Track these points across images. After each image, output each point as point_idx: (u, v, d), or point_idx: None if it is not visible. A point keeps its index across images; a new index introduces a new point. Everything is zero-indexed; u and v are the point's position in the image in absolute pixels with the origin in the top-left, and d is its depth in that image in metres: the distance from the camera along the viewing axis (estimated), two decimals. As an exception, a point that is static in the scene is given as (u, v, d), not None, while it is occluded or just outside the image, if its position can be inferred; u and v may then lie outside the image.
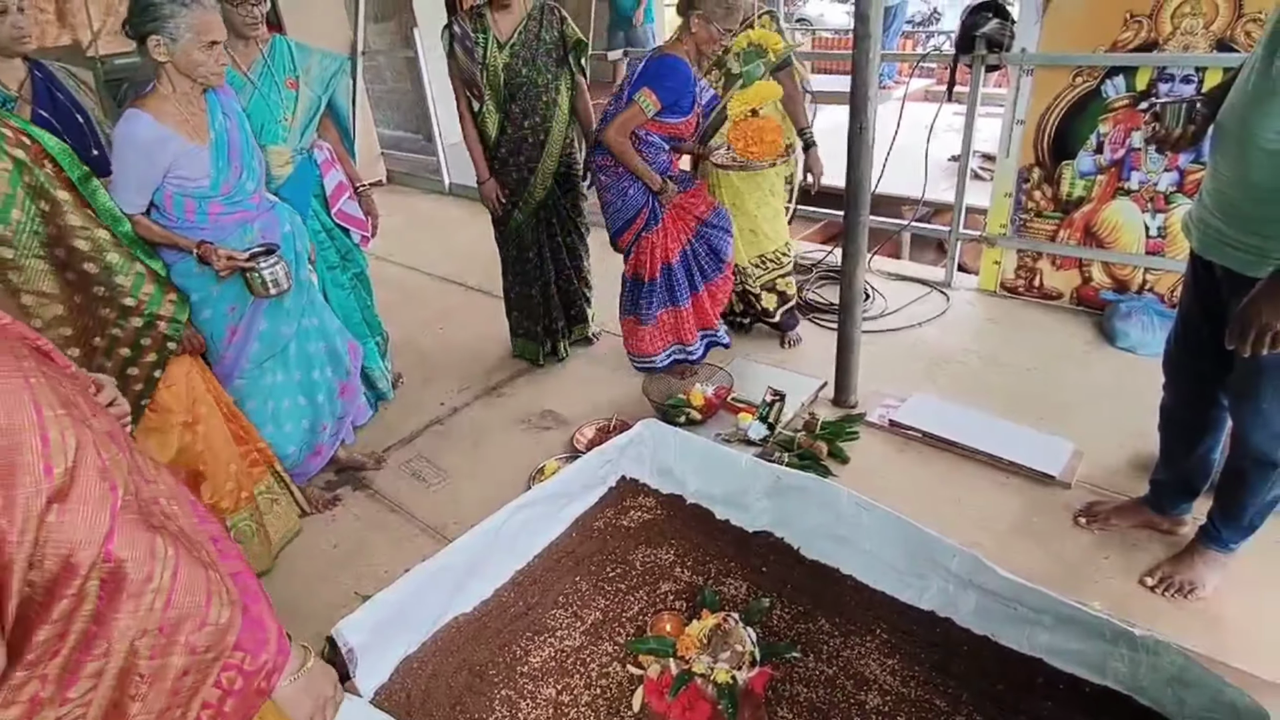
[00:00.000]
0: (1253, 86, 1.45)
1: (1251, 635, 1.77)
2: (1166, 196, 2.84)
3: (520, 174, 2.82)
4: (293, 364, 2.31)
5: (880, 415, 2.66)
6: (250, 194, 2.07)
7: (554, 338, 3.19)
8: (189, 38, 1.81)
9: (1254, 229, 1.50)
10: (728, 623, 1.71)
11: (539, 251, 3.00)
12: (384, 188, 6.03)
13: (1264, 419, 1.63)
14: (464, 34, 2.65)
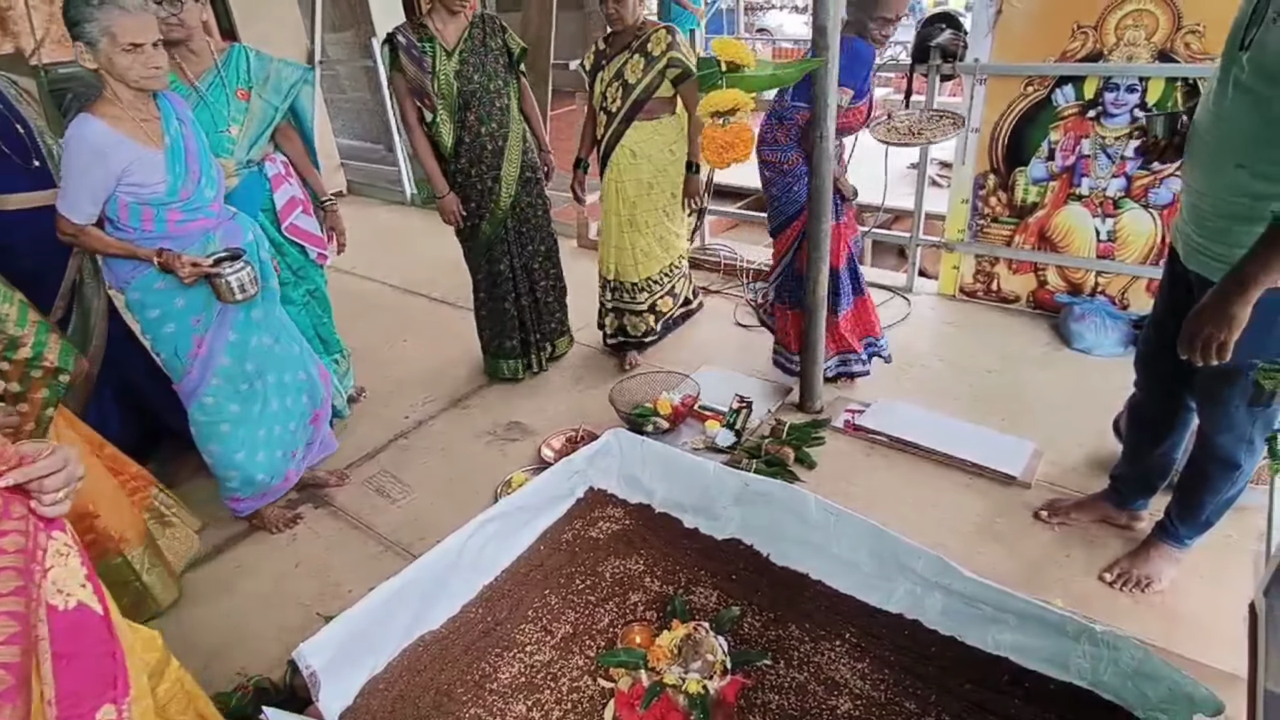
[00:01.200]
0: (1213, 102, 1.50)
1: (1206, 627, 1.82)
2: (1115, 201, 2.93)
3: (484, 183, 2.78)
4: (272, 392, 2.25)
5: (845, 420, 2.68)
6: (210, 201, 2.02)
7: (531, 353, 3.13)
8: (106, 41, 1.75)
9: (1221, 238, 1.55)
10: (698, 632, 1.70)
11: (510, 264, 2.95)
12: (344, 198, 5.94)
13: (1231, 421, 1.68)
14: (409, 43, 2.60)
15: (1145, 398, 1.98)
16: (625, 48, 2.74)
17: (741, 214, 4.59)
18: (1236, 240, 1.52)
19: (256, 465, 2.26)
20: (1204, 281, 1.63)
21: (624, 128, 2.81)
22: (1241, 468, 1.74)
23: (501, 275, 2.95)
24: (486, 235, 2.87)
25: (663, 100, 2.79)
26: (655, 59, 2.71)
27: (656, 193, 2.92)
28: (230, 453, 2.20)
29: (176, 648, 1.99)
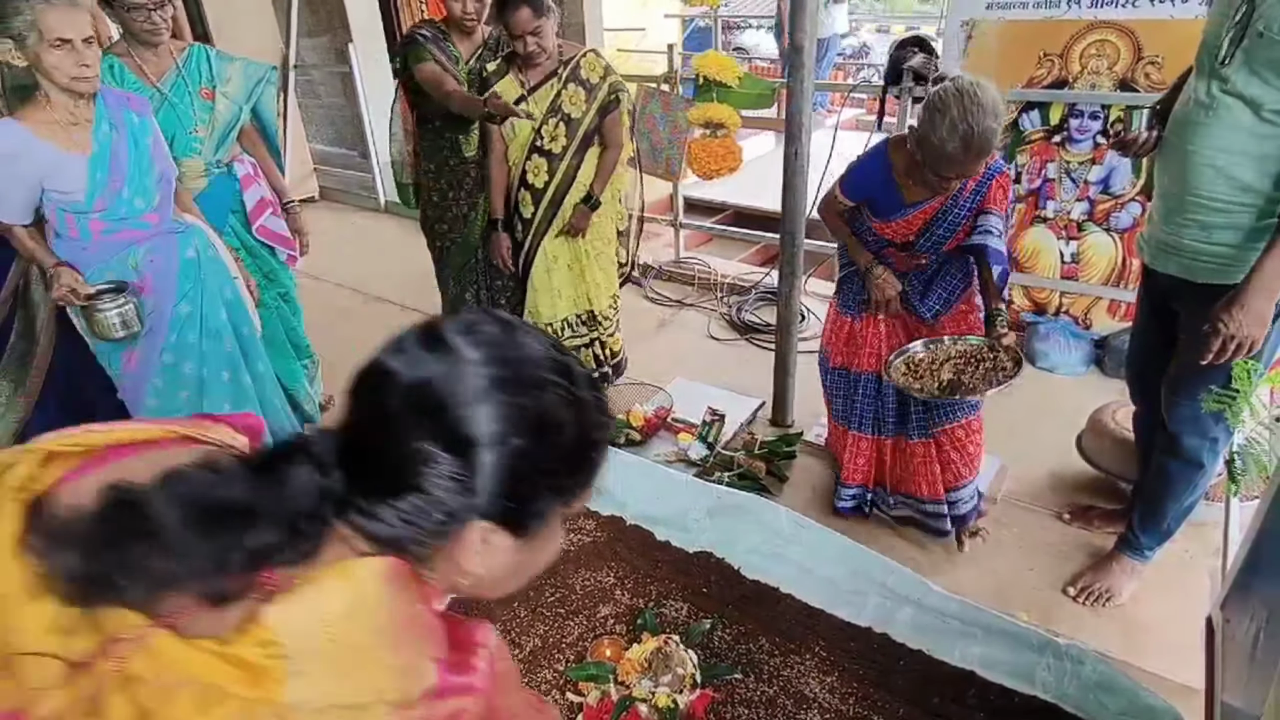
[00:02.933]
0: (1191, 112, 1.55)
1: (1165, 639, 1.85)
2: (1079, 224, 3.01)
3: (459, 209, 2.77)
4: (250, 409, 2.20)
5: (817, 434, 2.70)
6: (140, 214, 1.94)
7: None
8: (33, 38, 1.67)
9: (1212, 239, 1.59)
10: (668, 645, 1.70)
11: (476, 293, 2.89)
12: (317, 204, 5.87)
13: (1194, 418, 1.72)
14: (436, 39, 2.55)
15: (1143, 409, 2.03)
16: (552, 75, 2.45)
17: (716, 229, 4.63)
18: (1215, 239, 1.58)
19: None
20: (1182, 284, 1.68)
21: (576, 164, 2.56)
22: (1203, 468, 1.78)
23: (465, 305, 2.89)
24: (458, 262, 2.85)
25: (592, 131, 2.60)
26: (596, 86, 2.50)
27: (602, 222, 2.76)
28: None
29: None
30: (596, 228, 2.72)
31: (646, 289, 4.01)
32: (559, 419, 0.62)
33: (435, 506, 0.59)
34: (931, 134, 1.66)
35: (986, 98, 1.63)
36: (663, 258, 4.25)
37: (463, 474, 0.58)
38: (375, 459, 0.61)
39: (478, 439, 0.58)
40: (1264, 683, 1.13)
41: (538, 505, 0.64)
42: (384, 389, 0.61)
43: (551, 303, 2.75)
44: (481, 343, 0.61)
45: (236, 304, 2.17)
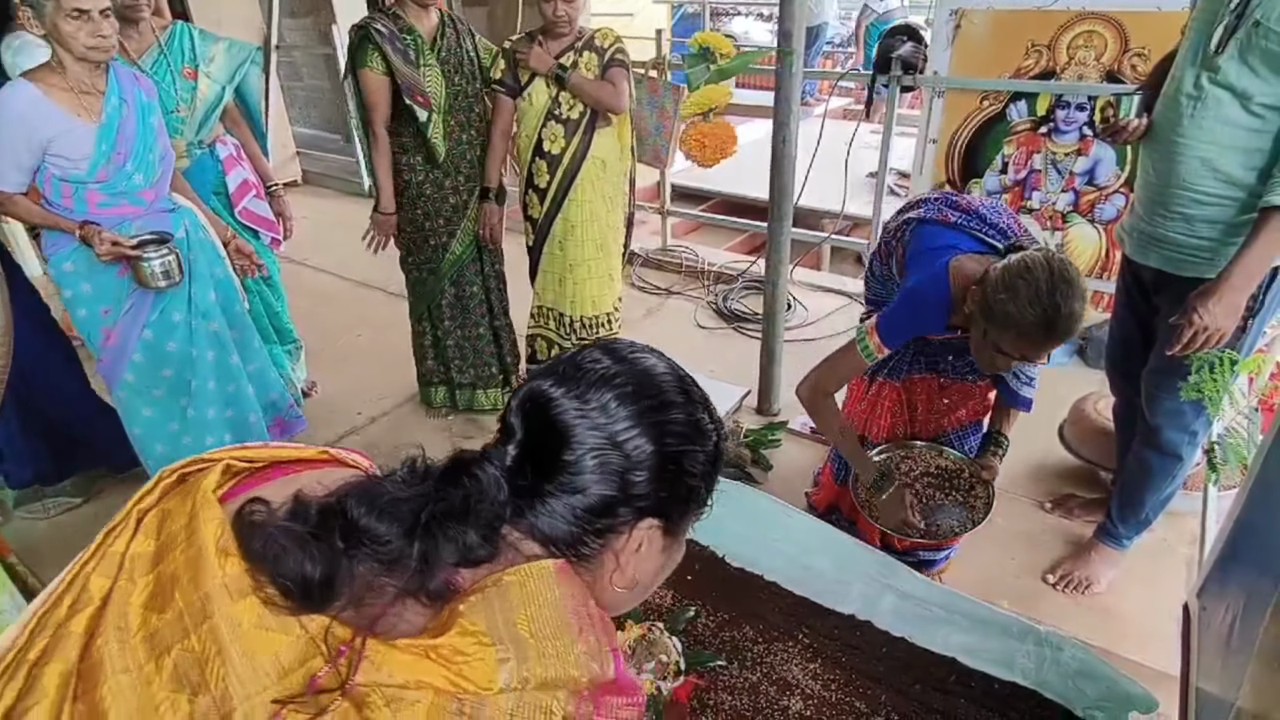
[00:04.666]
0: (1179, 103, 1.55)
1: (1143, 627, 1.88)
2: (1064, 216, 3.02)
3: (459, 197, 2.54)
4: (205, 401, 2.15)
5: (802, 423, 2.71)
6: (139, 189, 1.93)
7: (508, 376, 2.92)
8: (51, 6, 1.69)
9: (1195, 232, 1.60)
10: (652, 633, 1.70)
11: (484, 283, 2.72)
12: (300, 188, 5.80)
13: (1175, 412, 1.74)
14: (391, 34, 2.28)
15: (1123, 400, 2.04)
16: (569, 48, 2.44)
17: (703, 216, 4.62)
18: (1198, 232, 1.58)
19: None
20: (1164, 276, 1.69)
21: (589, 136, 2.50)
22: (1182, 460, 1.80)
23: (474, 298, 2.71)
24: (456, 255, 2.61)
25: None
26: (606, 50, 2.45)
27: (615, 211, 2.68)
28: (150, 441, 2.11)
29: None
30: (596, 238, 2.63)
31: (633, 277, 4.00)
32: (703, 428, 0.70)
33: (606, 502, 0.65)
34: (1010, 303, 1.40)
35: (1078, 278, 1.41)
36: (650, 246, 4.23)
37: (634, 472, 0.65)
38: (551, 460, 0.65)
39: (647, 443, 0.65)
40: (1239, 669, 1.15)
41: (687, 508, 0.72)
42: (552, 403, 0.67)
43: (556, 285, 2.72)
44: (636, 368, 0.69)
45: (225, 284, 2.17)
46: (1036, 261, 1.42)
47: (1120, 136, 1.72)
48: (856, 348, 1.70)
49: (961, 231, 1.65)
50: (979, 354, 1.57)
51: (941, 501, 1.80)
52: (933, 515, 1.78)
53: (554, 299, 2.73)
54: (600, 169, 2.56)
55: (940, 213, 1.70)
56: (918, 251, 1.71)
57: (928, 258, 1.65)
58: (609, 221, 2.63)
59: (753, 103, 6.04)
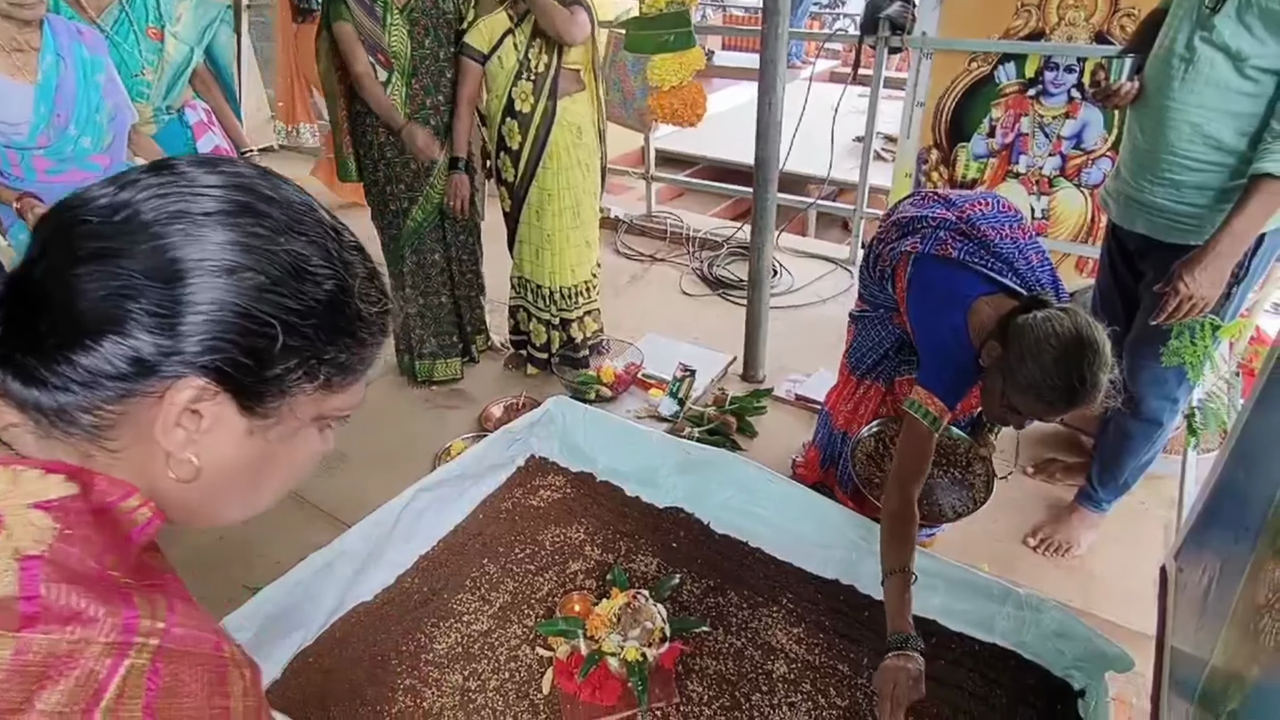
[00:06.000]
0: (1171, 64, 1.52)
1: (1120, 588, 1.91)
2: (1050, 180, 3.00)
3: (420, 164, 2.48)
4: None
5: (787, 390, 2.71)
6: (88, 154, 1.83)
7: (469, 346, 2.91)
8: None
9: (1183, 198, 1.58)
10: (637, 600, 1.70)
11: (445, 251, 2.69)
12: (276, 154, 5.66)
13: (1158, 379, 1.74)
14: None
15: None
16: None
17: (688, 182, 4.56)
18: (1186, 198, 1.57)
19: None
20: (1150, 242, 1.68)
21: (554, 97, 2.43)
22: (1163, 426, 1.82)
23: (435, 266, 2.68)
24: (417, 222, 2.57)
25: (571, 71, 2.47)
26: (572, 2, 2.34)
27: (591, 178, 2.62)
28: None
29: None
30: (572, 206, 2.58)
31: (617, 243, 3.95)
32: (315, 268, 0.49)
33: (124, 354, 0.45)
34: (1036, 371, 1.33)
35: (1104, 343, 1.33)
36: (634, 212, 4.18)
37: (168, 307, 0.44)
38: (57, 299, 0.44)
39: (198, 262, 0.45)
40: (1214, 629, 1.16)
41: (276, 371, 0.49)
42: (80, 211, 0.46)
43: (533, 257, 2.67)
44: (227, 173, 0.49)
45: None
46: (1064, 327, 1.33)
47: (1111, 100, 1.69)
48: (921, 424, 1.53)
49: (965, 269, 1.57)
50: (989, 406, 1.50)
51: (939, 478, 1.77)
52: (931, 493, 1.75)
53: (531, 271, 2.70)
54: (575, 135, 2.51)
55: (940, 244, 1.59)
56: (923, 296, 1.62)
57: (939, 308, 1.57)
58: (586, 188, 2.59)
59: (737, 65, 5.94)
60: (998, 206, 1.64)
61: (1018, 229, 1.61)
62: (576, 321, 2.76)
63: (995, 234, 1.58)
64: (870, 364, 1.92)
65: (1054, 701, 1.58)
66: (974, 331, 1.51)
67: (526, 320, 2.80)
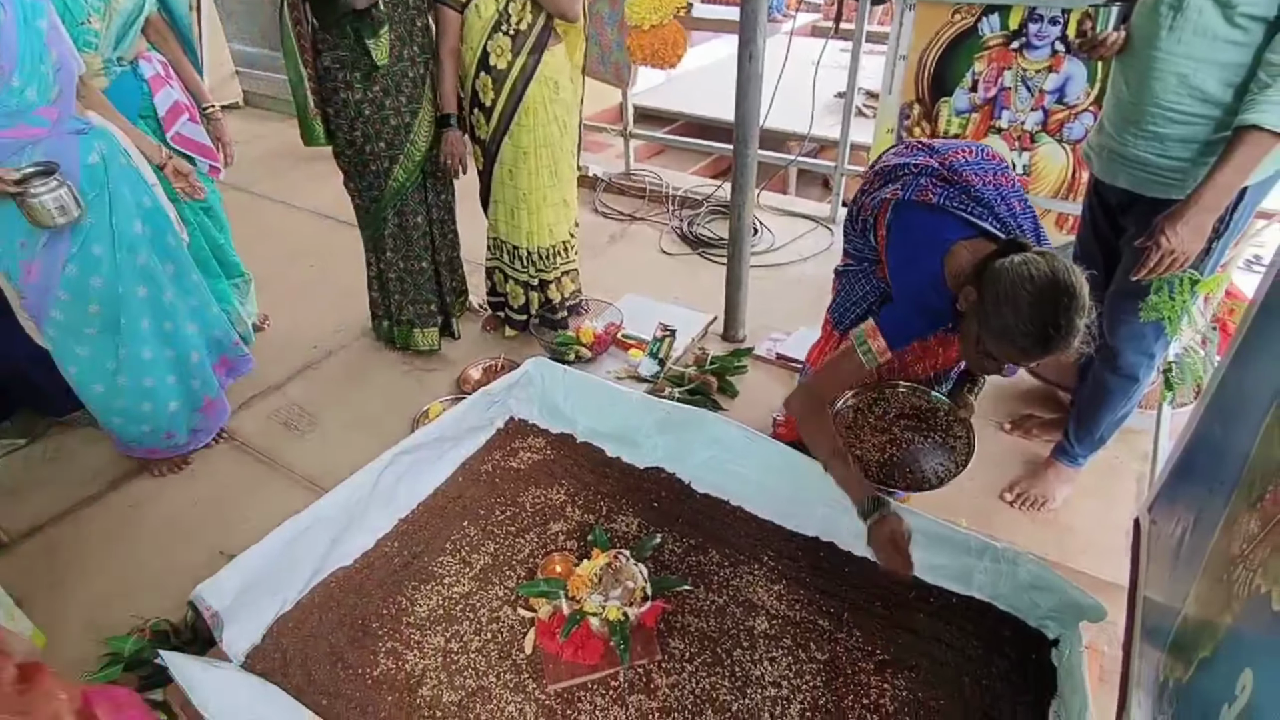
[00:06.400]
0: (1164, 6, 1.48)
1: (1094, 540, 1.95)
2: (1033, 135, 2.98)
3: (400, 118, 2.34)
4: (141, 340, 2.00)
5: (768, 349, 2.70)
6: (35, 108, 1.72)
7: (448, 315, 2.83)
8: None
9: (1166, 152, 1.56)
10: (618, 560, 1.70)
11: (428, 213, 2.57)
12: (241, 110, 5.48)
13: (1136, 335, 1.75)
14: None
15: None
16: None
17: (668, 139, 4.47)
18: (1170, 151, 1.55)
19: (130, 413, 2.06)
20: (1131, 197, 1.67)
21: (539, 54, 2.32)
22: (1139, 382, 1.83)
23: (418, 229, 2.56)
24: (400, 182, 2.44)
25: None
26: None
27: (569, 135, 2.52)
28: (87, 382, 2.00)
29: (67, 593, 1.88)
30: (549, 165, 2.49)
31: (595, 202, 3.89)
32: None
33: None
34: (1010, 315, 1.32)
35: (1081, 289, 1.30)
36: (613, 170, 4.10)
37: None
38: None
39: None
40: (1187, 580, 1.18)
41: None
42: None
43: (508, 218, 2.60)
44: None
45: (155, 214, 1.99)
46: (1041, 271, 1.30)
47: (1098, 51, 1.65)
48: (856, 353, 1.56)
49: (945, 214, 1.54)
50: (967, 351, 1.48)
51: (920, 444, 1.76)
52: (915, 460, 1.74)
53: (507, 232, 2.62)
54: (552, 91, 2.41)
55: (921, 190, 1.57)
56: (903, 244, 1.59)
57: (917, 255, 1.55)
58: (563, 146, 2.50)
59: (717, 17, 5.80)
60: (982, 154, 1.62)
61: (1001, 176, 1.59)
62: (555, 282, 2.71)
63: (978, 180, 1.56)
64: (854, 319, 1.89)
65: (1029, 651, 1.61)
66: (951, 276, 1.49)
67: (503, 282, 2.75)
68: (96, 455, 2.31)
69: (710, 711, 1.52)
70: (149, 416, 2.08)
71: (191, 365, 2.14)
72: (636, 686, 1.57)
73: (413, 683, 1.58)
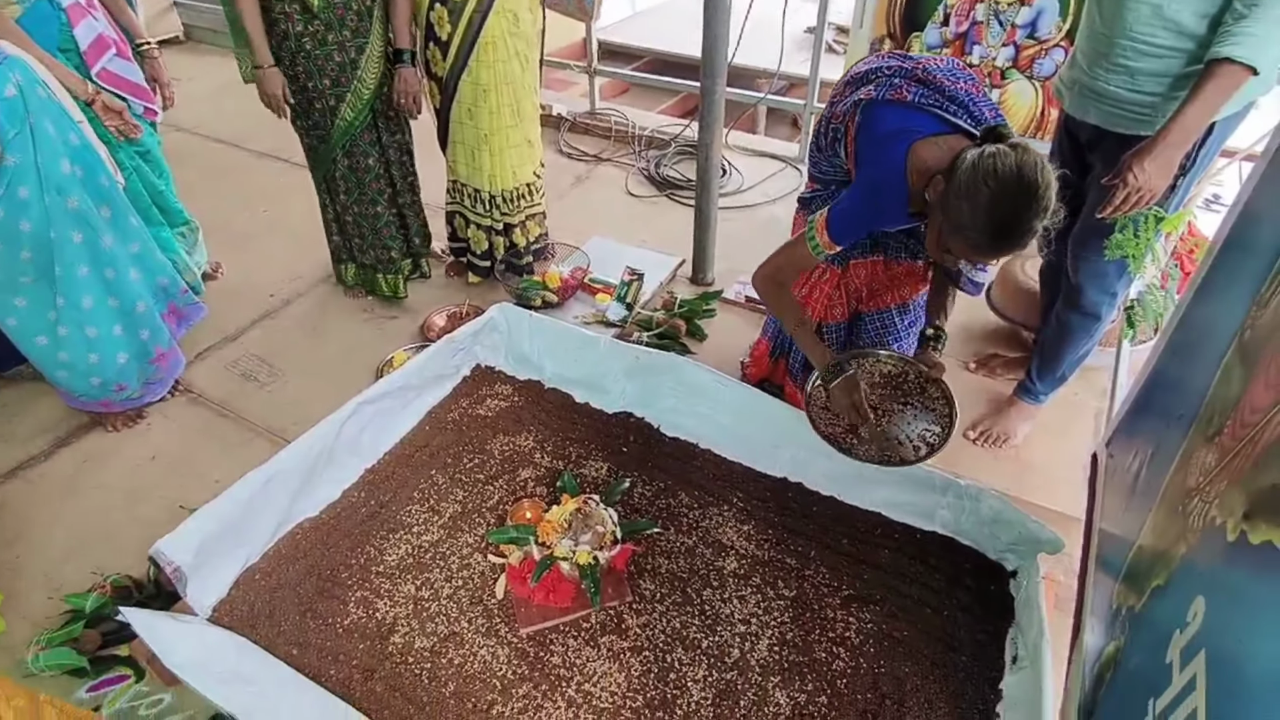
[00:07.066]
0: None
1: (1053, 475, 2.00)
2: (1003, 72, 2.94)
3: (345, 54, 2.21)
4: (82, 288, 1.90)
5: (736, 292, 2.68)
6: None
7: (416, 259, 2.74)
8: None
9: (1138, 86, 1.54)
10: (588, 505, 1.70)
11: (381, 155, 2.44)
12: (182, 46, 5.17)
13: (1099, 273, 1.76)
14: None
15: (1046, 262, 2.05)
16: None
17: (634, 76, 4.34)
18: (1141, 86, 1.53)
19: (76, 365, 1.97)
20: (1100, 133, 1.65)
21: None
22: (1101, 320, 1.85)
23: (370, 171, 2.43)
24: (348, 122, 2.32)
25: None
26: None
27: (530, 71, 2.41)
28: (28, 334, 1.91)
29: (22, 551, 1.83)
30: (510, 103, 2.38)
31: (560, 143, 3.77)
32: None
33: None
34: (967, 208, 1.29)
35: (1046, 189, 1.26)
36: (577, 109, 3.97)
37: None
38: None
39: None
40: (1142, 512, 1.21)
41: None
42: None
43: (469, 160, 2.50)
44: None
45: (84, 153, 1.86)
46: (1007, 166, 1.25)
47: None
48: (805, 244, 1.55)
49: (920, 111, 1.49)
50: (930, 245, 1.46)
51: (901, 412, 1.71)
52: (899, 430, 1.67)
53: (468, 174, 2.52)
54: (512, 23, 2.28)
55: (894, 89, 1.52)
56: (871, 138, 1.53)
57: (883, 146, 1.49)
58: (525, 83, 2.39)
59: (685, -52, 5.59)
60: (953, 63, 1.57)
61: (972, 85, 1.54)
62: (519, 226, 2.64)
63: (950, 83, 1.51)
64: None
65: (988, 583, 1.66)
66: (914, 168, 1.43)
67: (465, 227, 2.66)
68: (46, 411, 2.23)
69: (681, 649, 1.55)
70: (97, 369, 2.00)
71: (138, 315, 2.05)
72: (608, 627, 1.59)
73: (384, 630, 1.58)
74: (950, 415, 1.66)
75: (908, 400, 1.72)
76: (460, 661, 1.52)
